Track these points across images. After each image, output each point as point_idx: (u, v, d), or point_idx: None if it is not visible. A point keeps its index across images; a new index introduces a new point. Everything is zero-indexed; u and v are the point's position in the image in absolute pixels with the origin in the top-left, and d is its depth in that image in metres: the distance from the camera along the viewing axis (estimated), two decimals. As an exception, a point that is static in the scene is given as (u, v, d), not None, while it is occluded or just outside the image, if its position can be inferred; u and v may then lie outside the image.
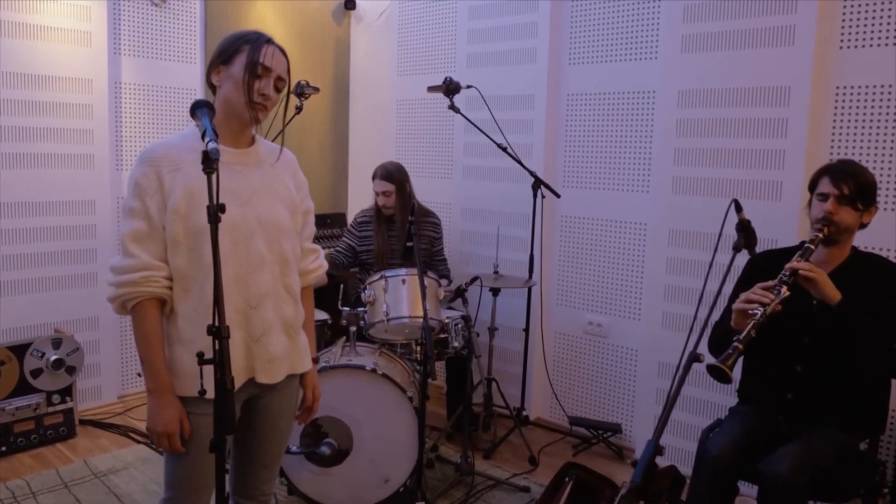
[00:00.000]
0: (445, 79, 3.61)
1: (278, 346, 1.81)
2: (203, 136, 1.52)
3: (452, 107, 3.60)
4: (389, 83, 4.74)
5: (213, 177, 1.49)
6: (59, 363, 3.54)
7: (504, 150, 3.59)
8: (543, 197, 3.68)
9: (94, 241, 3.93)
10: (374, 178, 3.75)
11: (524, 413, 3.85)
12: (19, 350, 3.45)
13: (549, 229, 3.90)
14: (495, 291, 3.55)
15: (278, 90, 1.80)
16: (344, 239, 3.91)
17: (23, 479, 3.17)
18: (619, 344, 3.70)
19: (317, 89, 3.77)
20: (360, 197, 5.06)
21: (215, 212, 1.49)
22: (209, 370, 1.68)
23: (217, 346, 1.47)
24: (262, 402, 1.87)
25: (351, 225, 3.94)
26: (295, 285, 1.88)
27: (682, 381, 1.76)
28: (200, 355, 1.49)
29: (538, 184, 3.63)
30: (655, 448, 1.69)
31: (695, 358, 1.77)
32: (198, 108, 1.62)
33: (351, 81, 5.19)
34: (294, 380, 1.94)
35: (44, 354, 3.51)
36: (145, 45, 4.11)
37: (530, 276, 3.71)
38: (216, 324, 1.47)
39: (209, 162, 1.48)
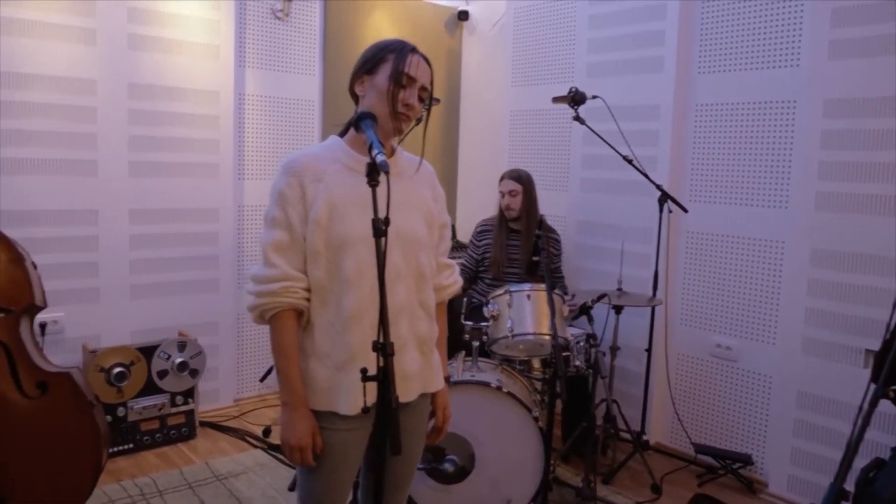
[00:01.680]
0: (571, 89, 3.52)
1: (412, 364, 1.74)
2: (370, 149, 1.48)
3: (577, 118, 3.50)
4: (503, 94, 4.69)
5: (378, 189, 1.45)
6: (183, 366, 3.63)
7: (630, 162, 3.46)
8: (670, 212, 3.52)
9: (217, 248, 4.03)
10: (501, 179, 3.76)
11: (644, 437, 3.69)
12: (147, 352, 3.56)
13: (675, 245, 3.74)
14: (618, 309, 3.42)
15: (422, 100, 1.75)
16: (468, 253, 3.89)
17: (149, 477, 3.26)
18: (750, 369, 3.49)
19: (437, 100, 3.74)
20: (469, 208, 5.02)
21: (379, 225, 1.44)
22: (332, 385, 1.65)
23: (381, 363, 1.42)
24: None
25: (472, 238, 3.91)
26: (430, 301, 1.80)
27: (867, 419, 1.59)
28: (364, 371, 1.45)
29: (664, 198, 3.48)
30: (839, 493, 1.53)
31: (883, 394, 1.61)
32: (362, 120, 1.59)
33: (462, 92, 5.17)
34: (426, 399, 1.86)
35: (169, 357, 3.61)
36: (268, 57, 4.21)
37: (654, 294, 3.56)
38: (381, 339, 1.42)
39: (375, 174, 1.44)
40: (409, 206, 1.76)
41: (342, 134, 1.79)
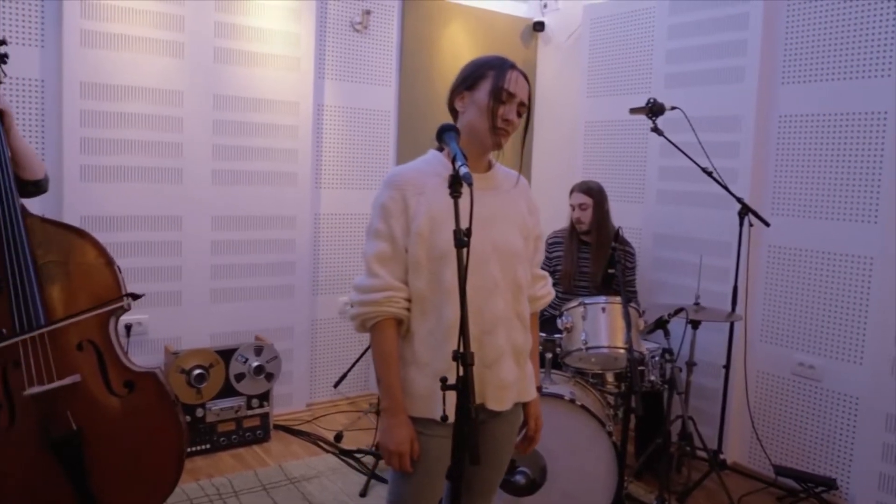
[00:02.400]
0: (649, 100, 3.46)
1: (509, 374, 1.77)
2: (453, 161, 1.50)
3: (655, 129, 3.44)
4: (577, 105, 4.65)
5: (460, 201, 1.48)
6: (259, 369, 3.72)
7: (710, 174, 3.38)
8: (751, 225, 3.42)
9: (294, 255, 4.12)
10: (571, 192, 3.71)
11: (721, 456, 3.58)
12: (226, 355, 3.66)
13: (755, 260, 3.62)
14: (695, 324, 3.33)
15: (520, 115, 1.78)
16: None
17: (226, 477, 3.34)
18: (835, 389, 3.35)
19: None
20: (542, 219, 4.98)
21: (463, 236, 1.45)
22: (431, 393, 1.68)
23: (461, 373, 1.43)
24: (488, 429, 1.82)
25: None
26: (525, 312, 1.84)
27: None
28: (444, 380, 1.46)
29: (745, 211, 3.38)
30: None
31: None
32: (445, 133, 1.62)
33: (536, 103, 5.16)
34: (519, 408, 1.89)
35: (247, 360, 3.71)
36: (346, 68, 4.30)
37: (733, 310, 3.45)
38: (461, 349, 1.43)
39: (458, 186, 1.46)
40: (507, 220, 1.81)
41: (441, 148, 1.82)
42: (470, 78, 1.78)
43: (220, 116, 3.79)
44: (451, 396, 1.46)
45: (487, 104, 1.72)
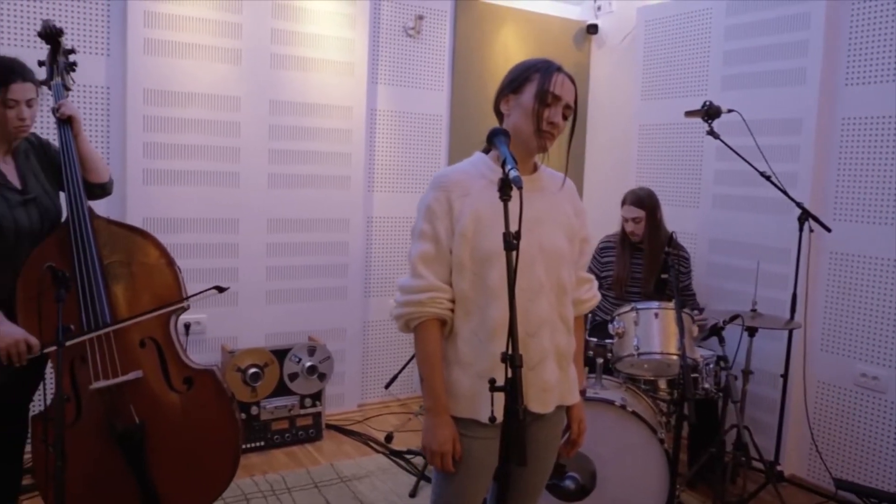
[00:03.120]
0: (704, 103, 3.40)
1: (551, 376, 1.77)
2: (503, 165, 1.50)
3: (711, 132, 3.38)
4: (632, 108, 4.60)
5: (510, 204, 1.48)
6: (312, 369, 3.78)
7: (768, 178, 3.30)
8: (811, 231, 3.33)
9: (346, 258, 4.18)
10: (623, 203, 3.63)
11: (778, 468, 3.48)
12: (280, 354, 3.74)
13: (815, 266, 3.52)
14: (752, 332, 3.26)
15: (566, 118, 1.78)
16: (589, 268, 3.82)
17: (279, 474, 3.41)
18: (900, 401, 3.24)
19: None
20: (595, 224, 4.91)
21: (512, 238, 1.46)
22: (474, 393, 1.68)
23: (510, 374, 1.44)
24: (531, 431, 1.82)
25: (594, 253, 3.84)
26: (570, 315, 1.84)
27: None
28: (492, 381, 1.47)
29: (805, 216, 3.29)
30: None
31: None
32: (495, 136, 1.63)
33: (589, 106, 5.12)
34: (562, 411, 1.89)
35: (300, 360, 3.77)
36: (399, 73, 4.34)
37: (792, 317, 3.36)
38: (510, 351, 1.44)
39: (508, 189, 1.46)
40: (552, 222, 1.80)
41: (486, 150, 1.83)
42: (516, 81, 1.78)
43: (275, 121, 3.88)
44: (499, 398, 1.47)
45: (533, 107, 1.72)
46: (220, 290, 2.47)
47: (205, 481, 2.47)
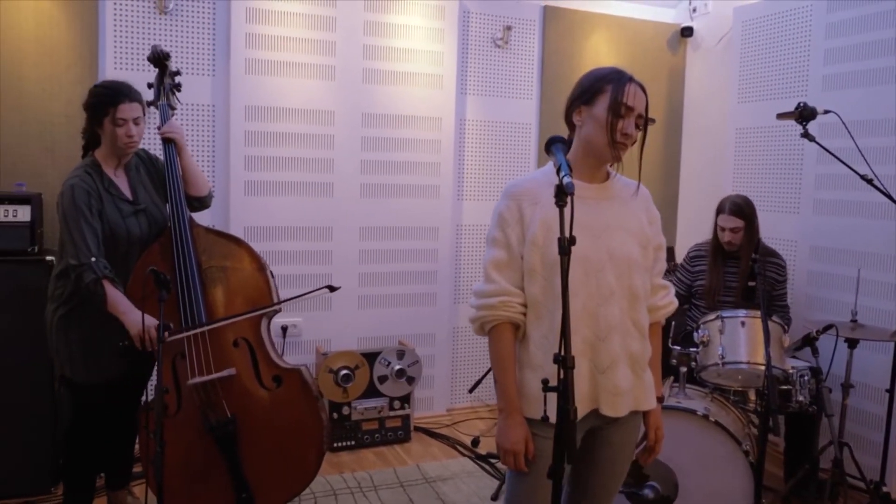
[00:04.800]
0: (798, 104, 3.26)
1: (623, 380, 1.79)
2: (558, 172, 1.55)
3: (806, 134, 3.23)
4: (728, 111, 4.47)
5: (566, 210, 1.52)
6: (401, 372, 3.90)
7: (869, 182, 3.13)
8: (919, 236, 3.13)
9: (436, 265, 4.29)
10: (720, 212, 3.48)
11: (884, 489, 3.28)
12: (370, 357, 3.88)
13: (925, 274, 3.31)
14: (852, 343, 3.10)
15: (638, 127, 1.79)
16: (677, 275, 3.74)
17: (366, 473, 3.54)
18: None
19: (653, 120, 3.67)
20: (690, 230, 4.83)
21: (566, 244, 1.50)
22: (554, 396, 1.72)
23: (562, 375, 1.47)
24: (604, 435, 1.85)
25: (684, 261, 3.75)
26: (643, 321, 1.85)
27: None
28: (545, 382, 1.51)
29: (912, 221, 3.11)
30: None
31: None
32: (552, 144, 1.67)
33: (685, 111, 5.01)
34: (637, 416, 1.90)
35: (389, 363, 3.90)
36: (487, 83, 4.42)
37: (899, 328, 3.18)
38: (562, 353, 1.47)
39: (562, 195, 1.50)
40: (624, 229, 1.83)
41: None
42: (588, 92, 1.81)
43: (367, 133, 4.04)
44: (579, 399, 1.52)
45: (606, 119, 1.75)
46: (332, 289, 2.62)
47: (291, 474, 2.62)
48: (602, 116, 1.75)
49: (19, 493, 3.07)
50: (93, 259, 2.42)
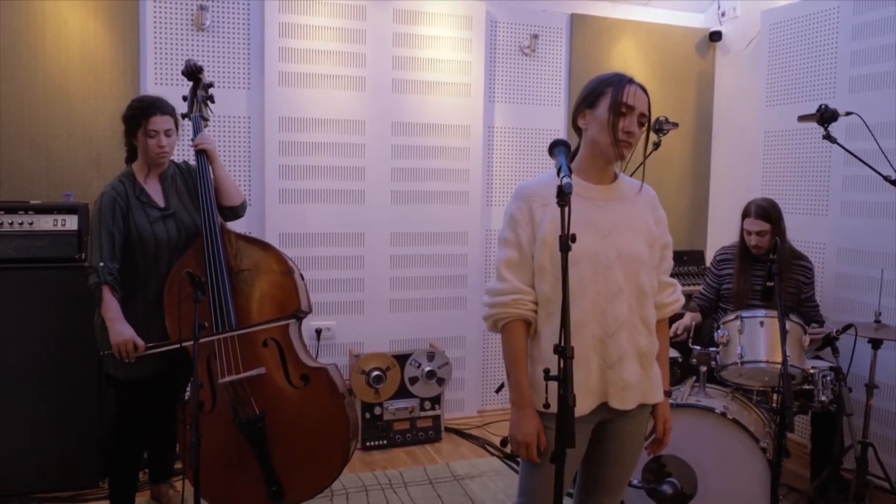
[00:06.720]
0: (820, 106, 3.27)
1: (632, 375, 1.86)
2: (558, 173, 1.63)
3: (828, 136, 3.25)
4: (757, 115, 4.48)
5: (566, 209, 1.60)
6: (431, 374, 4.00)
7: (893, 183, 3.13)
8: (944, 236, 3.12)
9: (465, 269, 4.38)
10: (745, 215, 3.49)
11: (910, 489, 3.26)
12: (401, 359, 3.99)
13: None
14: (876, 343, 3.09)
15: (641, 125, 1.88)
16: (705, 280, 3.76)
17: (397, 471, 3.65)
18: None
19: (675, 125, 3.73)
20: (720, 234, 4.83)
21: (566, 241, 1.59)
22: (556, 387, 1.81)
23: (562, 365, 1.56)
24: (613, 428, 1.93)
25: (711, 265, 3.77)
26: (651, 317, 1.92)
27: None
28: (546, 371, 1.60)
29: (937, 221, 3.09)
30: None
31: None
32: (555, 147, 1.76)
33: (714, 115, 5.02)
34: (645, 409, 1.97)
35: (420, 365, 4.01)
36: (515, 91, 4.51)
37: (924, 329, 3.16)
38: (562, 343, 1.56)
39: (563, 196, 1.59)
40: (631, 228, 1.91)
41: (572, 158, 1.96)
42: (590, 96, 1.90)
43: (397, 142, 4.17)
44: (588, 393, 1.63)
45: (608, 119, 1.84)
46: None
47: (318, 469, 2.74)
48: (604, 117, 1.84)
49: (69, 487, 3.26)
50: (101, 264, 2.60)
